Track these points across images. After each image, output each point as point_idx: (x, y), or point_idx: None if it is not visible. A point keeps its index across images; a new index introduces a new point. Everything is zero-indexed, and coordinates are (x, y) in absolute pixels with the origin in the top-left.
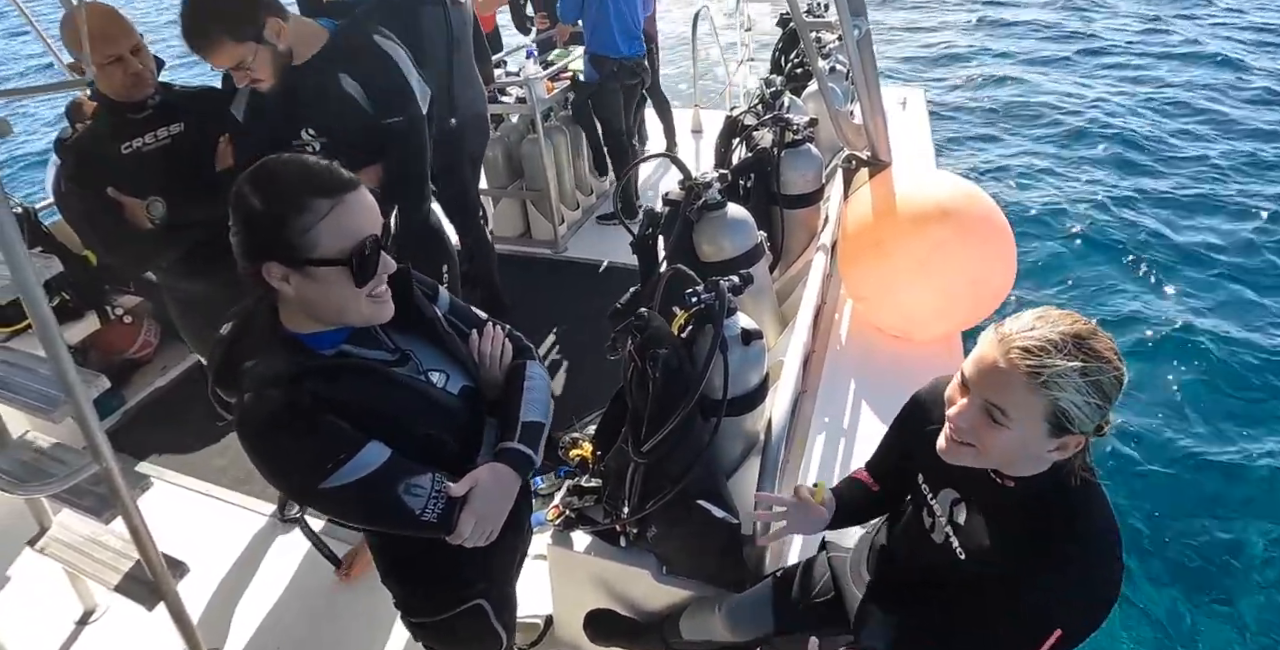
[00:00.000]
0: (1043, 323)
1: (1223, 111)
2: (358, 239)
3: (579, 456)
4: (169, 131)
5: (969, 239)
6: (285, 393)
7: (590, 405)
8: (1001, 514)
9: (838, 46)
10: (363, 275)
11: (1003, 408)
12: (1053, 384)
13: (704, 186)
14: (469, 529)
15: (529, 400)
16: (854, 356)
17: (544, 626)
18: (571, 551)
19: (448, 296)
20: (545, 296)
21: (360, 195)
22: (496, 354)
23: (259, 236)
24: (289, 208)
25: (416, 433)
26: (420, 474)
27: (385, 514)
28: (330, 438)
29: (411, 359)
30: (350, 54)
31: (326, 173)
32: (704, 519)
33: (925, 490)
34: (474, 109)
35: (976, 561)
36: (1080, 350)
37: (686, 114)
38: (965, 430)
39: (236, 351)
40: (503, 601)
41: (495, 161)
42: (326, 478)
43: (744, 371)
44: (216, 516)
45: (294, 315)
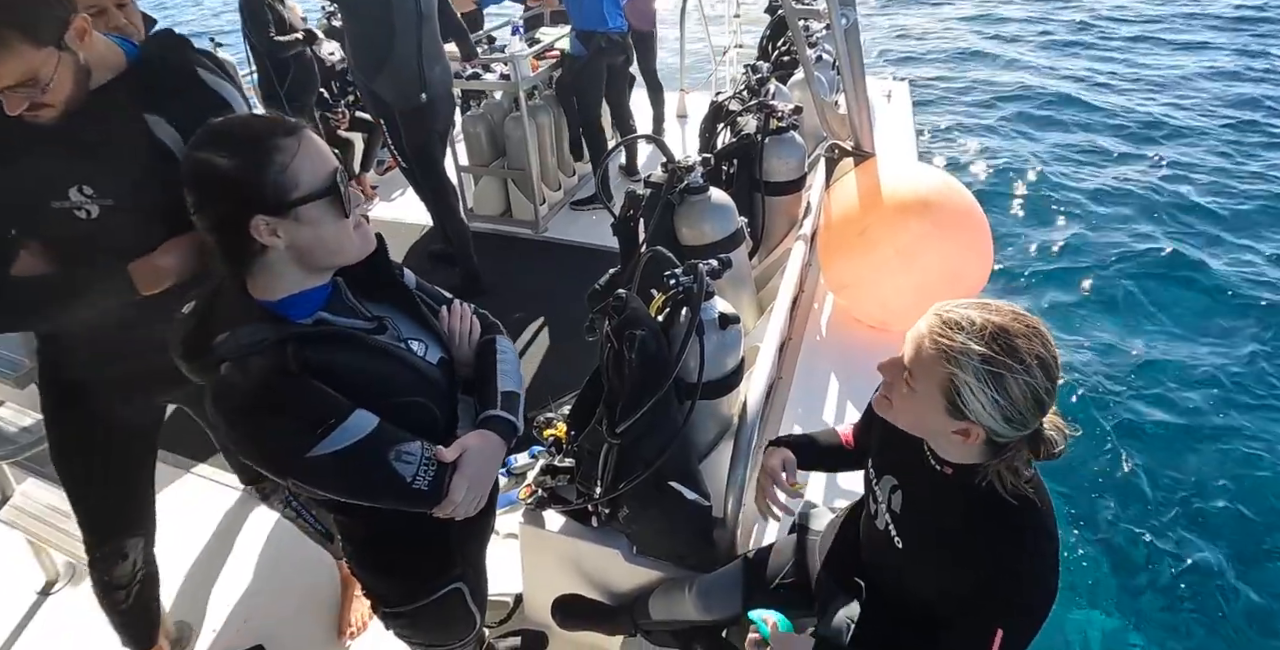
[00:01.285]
0: (979, 308)
1: (1213, 102)
2: (329, 168)
3: (553, 436)
4: None
5: (948, 232)
6: (269, 359)
7: (567, 386)
8: (936, 505)
9: (825, 35)
10: (346, 202)
11: (910, 369)
12: (951, 360)
13: (686, 170)
14: (460, 495)
15: (504, 371)
16: (830, 345)
17: (513, 605)
18: (543, 531)
19: (413, 275)
20: (524, 277)
21: (310, 132)
22: (465, 330)
23: (237, 194)
24: (261, 154)
25: (402, 400)
26: (409, 441)
27: (376, 483)
28: (318, 403)
29: (389, 327)
30: (166, 88)
31: (274, 118)
32: (676, 501)
33: (871, 475)
34: (443, 84)
35: (912, 552)
36: (994, 340)
37: (672, 98)
38: (885, 382)
39: (204, 328)
40: (476, 582)
41: (478, 139)
42: (316, 445)
43: (720, 355)
44: (185, 488)
45: (265, 284)
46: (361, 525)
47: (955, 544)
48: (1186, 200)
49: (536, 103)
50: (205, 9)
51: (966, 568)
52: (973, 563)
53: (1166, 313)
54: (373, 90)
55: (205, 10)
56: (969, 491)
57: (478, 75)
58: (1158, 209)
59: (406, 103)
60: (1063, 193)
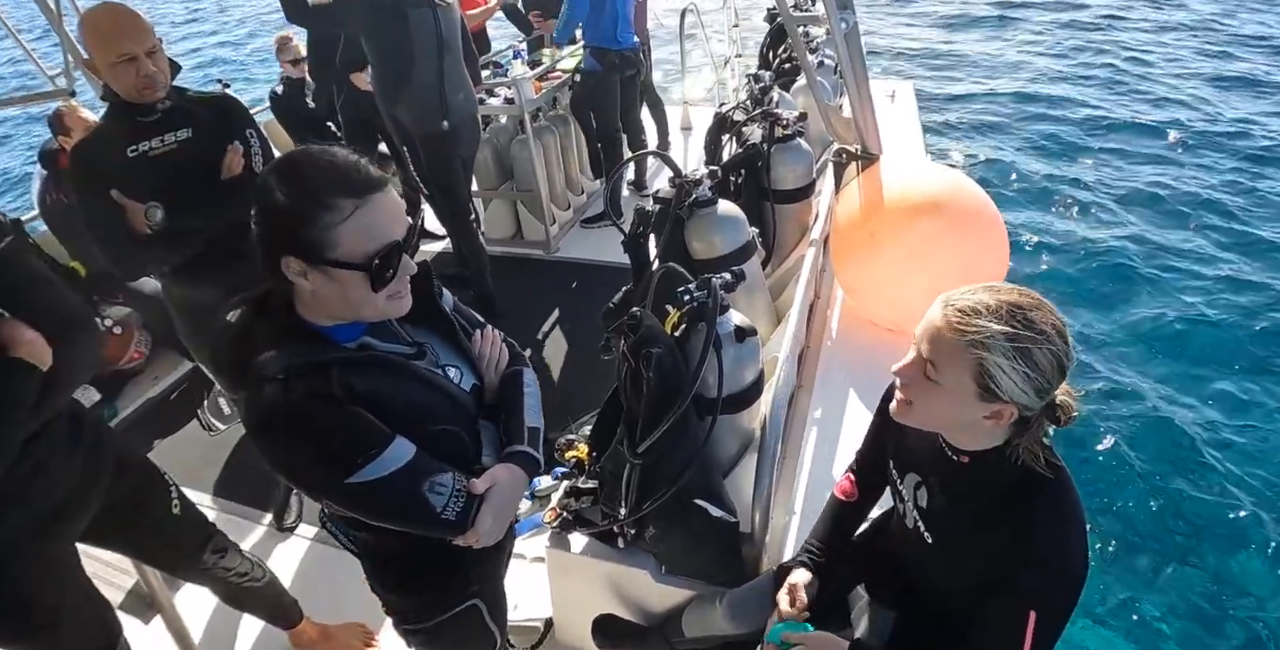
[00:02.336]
0: (987, 292)
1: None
2: (380, 243)
3: (575, 458)
4: (176, 137)
5: (961, 231)
6: (312, 383)
7: (585, 405)
8: (960, 496)
9: (826, 40)
10: (380, 280)
11: (934, 362)
12: (979, 344)
13: (694, 184)
14: (486, 527)
15: (529, 406)
16: (848, 350)
17: (544, 629)
18: (570, 554)
19: (451, 297)
20: (538, 297)
21: (386, 196)
22: (495, 356)
23: (280, 231)
24: (312, 205)
25: (436, 428)
26: (442, 472)
27: (408, 511)
28: (360, 431)
29: (428, 353)
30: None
31: (354, 171)
32: (702, 518)
33: (895, 476)
34: (465, 111)
35: (942, 545)
36: (1013, 318)
37: (676, 111)
38: (905, 385)
39: (248, 341)
40: (495, 600)
41: (485, 163)
42: (354, 473)
43: (738, 369)
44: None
45: (311, 308)
46: (380, 543)
47: (985, 530)
48: (1207, 196)
49: (542, 124)
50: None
51: (997, 553)
52: (1000, 544)
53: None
54: (394, 116)
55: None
56: (994, 477)
57: (482, 100)
58: (1179, 204)
59: (426, 129)
60: (1079, 188)
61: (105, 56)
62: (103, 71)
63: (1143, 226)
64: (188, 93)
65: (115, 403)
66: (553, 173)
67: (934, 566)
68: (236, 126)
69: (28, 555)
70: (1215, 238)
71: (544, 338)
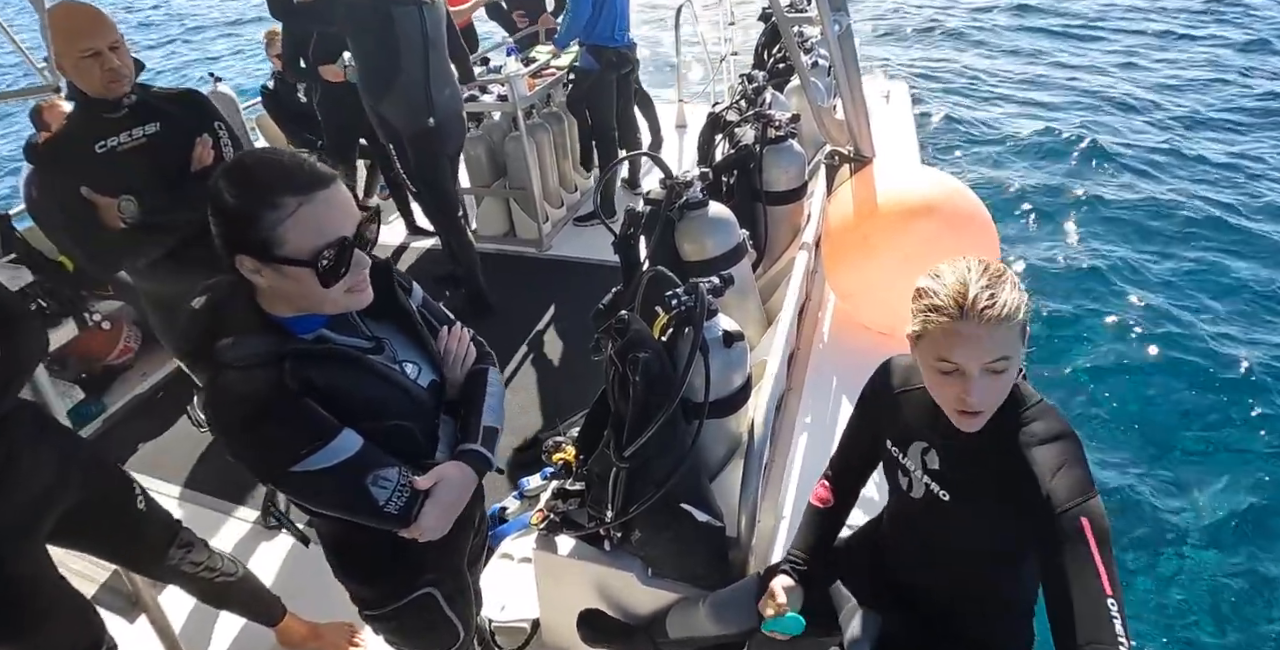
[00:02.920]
0: (953, 268)
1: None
2: (326, 239)
3: (562, 460)
4: (144, 131)
5: (954, 235)
6: (267, 373)
7: (576, 405)
8: (969, 442)
9: (820, 41)
10: (330, 275)
11: (1002, 356)
12: (1016, 308)
13: (685, 185)
14: (429, 522)
15: (489, 406)
16: (838, 354)
17: (531, 630)
18: (556, 555)
19: (421, 292)
20: (530, 296)
21: (332, 192)
22: (461, 353)
23: (231, 231)
24: (257, 204)
25: (388, 423)
26: (388, 466)
27: (350, 502)
28: (308, 422)
29: (386, 348)
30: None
31: (299, 169)
32: (688, 523)
33: (895, 452)
34: (451, 108)
35: (960, 499)
36: (983, 270)
37: (671, 109)
38: (984, 401)
39: (212, 328)
40: (456, 592)
41: (478, 160)
42: (299, 462)
43: (726, 373)
44: (198, 524)
45: (272, 300)
46: (333, 530)
47: (998, 463)
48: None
49: (535, 121)
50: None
51: (1019, 482)
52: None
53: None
54: (380, 113)
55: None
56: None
57: (475, 97)
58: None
59: (413, 127)
60: (1072, 192)
61: (69, 52)
62: (68, 69)
63: (1134, 228)
64: (153, 89)
65: (103, 399)
66: (546, 170)
67: (958, 525)
68: (205, 120)
69: (14, 555)
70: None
71: (535, 336)
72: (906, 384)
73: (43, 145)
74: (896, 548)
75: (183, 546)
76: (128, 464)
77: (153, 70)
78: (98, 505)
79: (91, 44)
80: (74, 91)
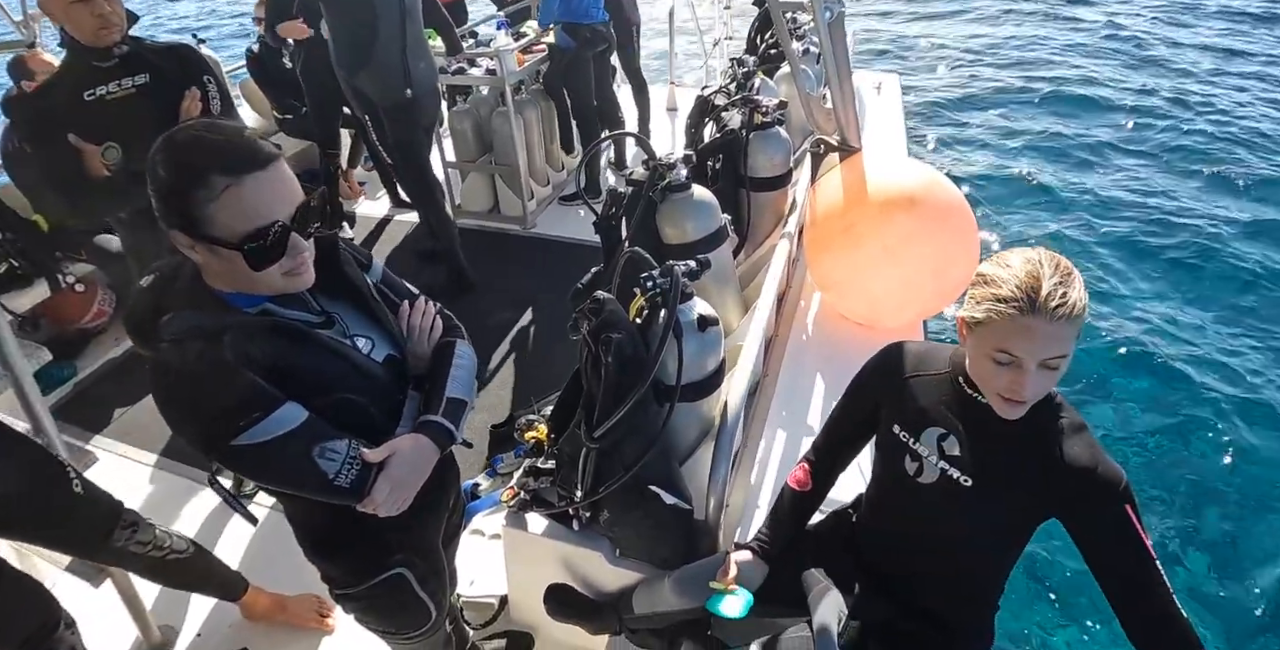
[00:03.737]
0: (1035, 276)
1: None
2: (256, 223)
3: (534, 438)
4: (134, 82)
5: (935, 228)
6: (205, 345)
7: (554, 383)
8: (995, 431)
9: (813, 28)
10: (258, 260)
11: (1061, 354)
12: (1082, 310)
13: (668, 167)
14: (383, 496)
15: (455, 377)
16: (817, 343)
17: (498, 606)
18: (526, 533)
19: (381, 267)
20: (512, 273)
21: (269, 175)
22: (426, 326)
23: (164, 205)
24: (187, 181)
25: (337, 397)
26: (336, 438)
27: (297, 476)
28: (247, 394)
29: (337, 322)
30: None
31: (233, 148)
32: (656, 505)
33: (904, 437)
34: (427, 80)
35: (983, 485)
36: (1059, 268)
37: (662, 91)
38: (1036, 394)
39: (156, 305)
40: (429, 572)
41: (464, 134)
42: (238, 434)
43: (700, 357)
44: (169, 490)
45: (214, 275)
46: (297, 509)
47: (1027, 452)
48: (1179, 192)
49: (523, 97)
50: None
51: (1048, 468)
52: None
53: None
54: (356, 86)
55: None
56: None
57: (463, 70)
58: (1148, 200)
59: (391, 99)
60: (1051, 186)
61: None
62: (58, 14)
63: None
64: (145, 41)
65: (75, 363)
66: (533, 148)
67: (974, 511)
68: (194, 73)
69: None
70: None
71: (516, 313)
72: (919, 370)
73: (31, 91)
74: (877, 531)
75: (127, 527)
76: (98, 430)
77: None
78: (28, 493)
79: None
80: (65, 39)
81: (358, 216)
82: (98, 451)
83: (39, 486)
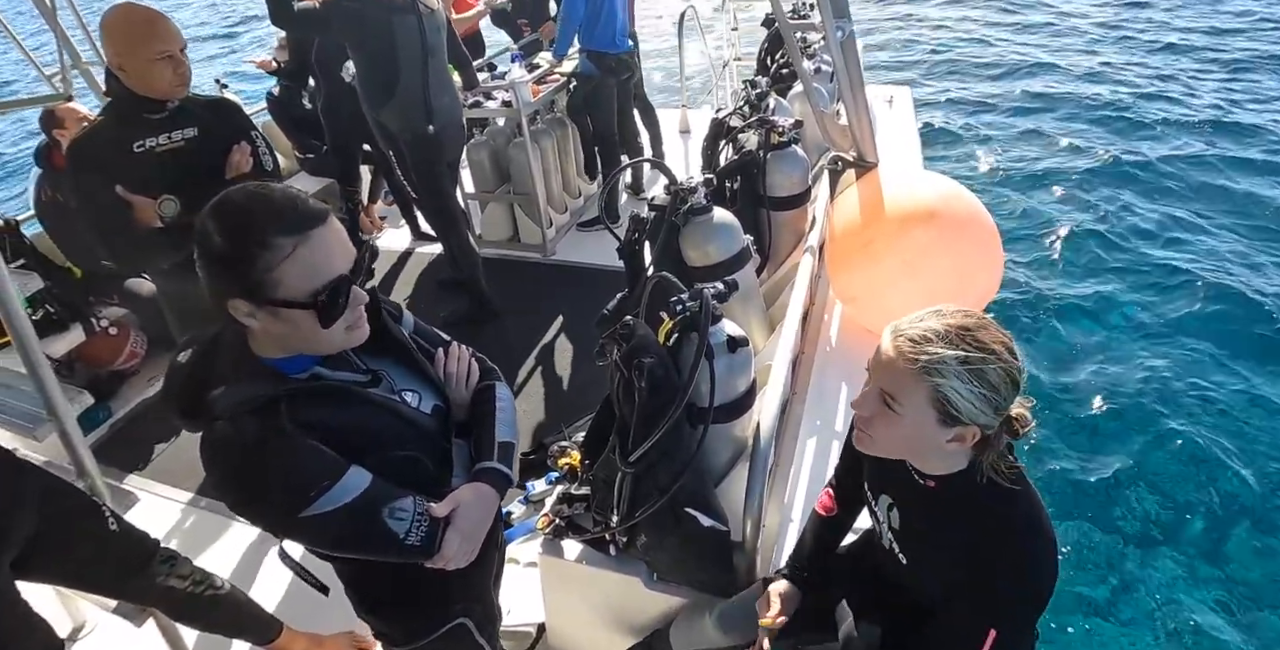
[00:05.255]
0: (933, 316)
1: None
2: (325, 279)
3: (567, 465)
4: (183, 135)
5: (956, 240)
6: (263, 418)
7: (581, 409)
8: (930, 519)
9: (823, 46)
10: (329, 316)
11: (893, 394)
12: (934, 371)
13: (689, 191)
14: (453, 549)
15: (501, 420)
16: (843, 358)
17: (536, 634)
18: (562, 560)
19: (411, 317)
20: (535, 301)
21: (327, 230)
22: (463, 373)
23: (222, 274)
24: (251, 246)
25: (394, 454)
26: (402, 497)
27: (369, 540)
28: (313, 463)
29: (384, 379)
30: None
31: (291, 208)
32: (693, 527)
33: (869, 497)
34: (450, 115)
35: (915, 566)
36: (963, 340)
37: (674, 114)
38: (865, 418)
39: (199, 380)
40: (485, 617)
41: (482, 165)
42: (309, 505)
43: (731, 378)
44: (206, 529)
45: (264, 342)
46: (354, 568)
47: (952, 550)
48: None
49: (539, 127)
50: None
51: (969, 570)
52: (969, 562)
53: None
54: (380, 121)
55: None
56: (961, 499)
57: (479, 103)
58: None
59: (413, 134)
60: (1076, 196)
61: (144, 53)
62: (134, 69)
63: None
64: (191, 95)
65: (110, 404)
66: (550, 176)
67: (911, 584)
68: (241, 128)
69: None
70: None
71: (540, 341)
72: None
73: (76, 141)
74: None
75: (166, 560)
76: (134, 470)
77: None
78: (63, 533)
79: (167, 47)
80: (114, 90)
81: (380, 250)
82: (135, 491)
83: (78, 524)
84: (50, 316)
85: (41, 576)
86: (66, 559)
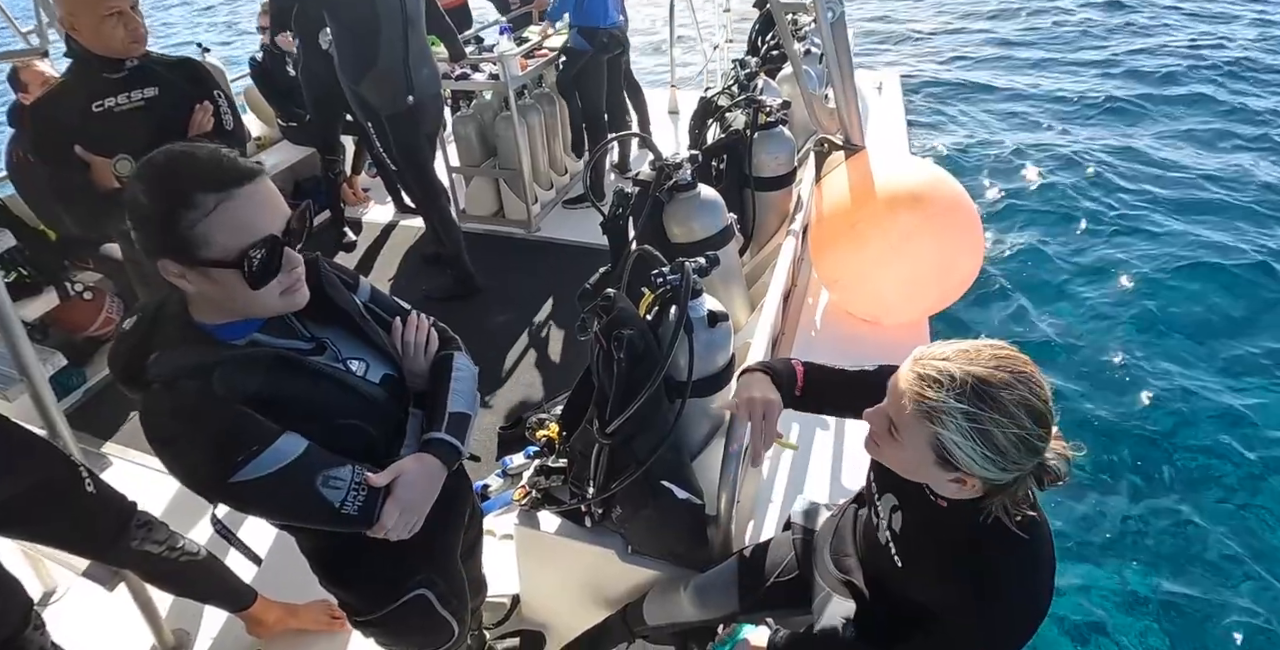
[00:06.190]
0: (961, 356)
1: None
2: (251, 238)
3: (545, 437)
4: (143, 94)
5: (939, 225)
6: (196, 384)
7: (562, 384)
8: (935, 534)
9: (814, 28)
10: (258, 277)
11: (896, 425)
12: (935, 419)
13: (674, 167)
14: (392, 520)
15: (455, 391)
16: (823, 340)
17: (510, 606)
18: (538, 532)
19: (368, 286)
20: (518, 277)
21: (256, 188)
22: (421, 342)
23: (150, 234)
24: (174, 204)
25: (336, 423)
26: (339, 465)
27: (302, 508)
28: (242, 429)
29: (329, 347)
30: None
31: (216, 164)
32: (668, 500)
33: (874, 489)
34: (429, 87)
35: (909, 572)
36: (977, 396)
37: (663, 94)
38: (872, 432)
39: (141, 346)
40: (449, 590)
41: (468, 139)
42: (236, 471)
43: (710, 353)
44: (182, 497)
45: (203, 306)
46: (309, 538)
47: (951, 572)
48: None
49: (526, 102)
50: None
51: (957, 594)
52: (964, 592)
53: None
54: (358, 93)
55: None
56: (969, 524)
57: (466, 76)
58: (1155, 199)
59: (393, 106)
60: (1056, 183)
61: (90, 12)
62: (87, 28)
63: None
64: (153, 54)
65: (84, 370)
66: (536, 152)
67: (897, 582)
68: (204, 88)
69: None
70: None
71: (523, 316)
72: None
73: (37, 102)
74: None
75: (142, 525)
76: (109, 437)
77: None
78: (39, 494)
79: (116, 3)
80: (74, 49)
81: (363, 223)
82: (110, 457)
83: (54, 485)
84: (23, 279)
85: (18, 533)
86: (44, 518)
